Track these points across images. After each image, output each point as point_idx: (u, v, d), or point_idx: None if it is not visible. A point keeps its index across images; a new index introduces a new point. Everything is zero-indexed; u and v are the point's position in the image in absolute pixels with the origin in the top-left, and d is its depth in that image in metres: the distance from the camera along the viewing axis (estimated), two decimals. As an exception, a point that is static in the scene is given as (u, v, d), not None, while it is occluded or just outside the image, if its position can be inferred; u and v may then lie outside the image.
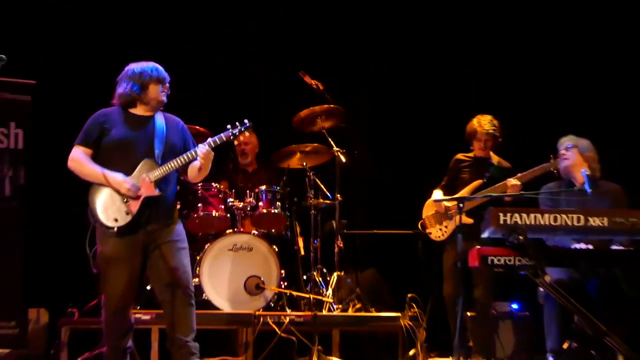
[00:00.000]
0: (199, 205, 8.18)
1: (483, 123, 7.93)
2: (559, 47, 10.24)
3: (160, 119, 6.31)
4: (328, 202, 8.47)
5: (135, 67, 6.29)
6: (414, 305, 7.92)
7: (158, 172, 6.11)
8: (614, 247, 6.52)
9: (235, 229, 8.28)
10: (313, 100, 9.00)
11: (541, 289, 6.92)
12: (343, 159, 8.41)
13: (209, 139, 6.25)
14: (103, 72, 7.10)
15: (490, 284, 7.75)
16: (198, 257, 8.05)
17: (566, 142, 7.17)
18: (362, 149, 8.70)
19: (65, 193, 7.80)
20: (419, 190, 8.72)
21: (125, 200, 6.04)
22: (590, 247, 6.54)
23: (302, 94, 9.60)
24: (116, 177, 6.03)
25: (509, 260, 5.80)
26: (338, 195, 8.39)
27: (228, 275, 8.05)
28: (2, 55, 5.75)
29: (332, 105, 8.58)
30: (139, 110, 6.29)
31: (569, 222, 5.72)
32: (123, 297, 6.13)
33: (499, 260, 5.82)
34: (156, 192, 6.10)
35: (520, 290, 8.46)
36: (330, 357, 7.66)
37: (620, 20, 10.07)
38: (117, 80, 6.35)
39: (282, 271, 8.11)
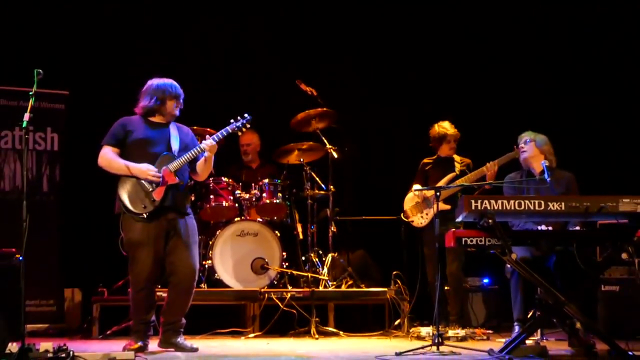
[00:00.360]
0: (211, 196, 8.21)
1: (449, 127, 8.08)
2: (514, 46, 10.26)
3: (173, 126, 6.48)
4: (322, 192, 8.51)
5: (157, 82, 6.43)
6: (399, 281, 7.97)
7: (177, 163, 6.24)
8: (571, 227, 6.59)
9: (243, 217, 8.31)
10: (308, 104, 9.06)
11: (508, 266, 6.97)
12: (335, 155, 8.46)
13: (215, 134, 6.41)
14: (126, 83, 7.15)
15: (461, 261, 7.82)
16: (210, 242, 8.08)
17: (525, 137, 7.20)
18: (351, 147, 8.72)
19: (95, 188, 7.81)
20: (398, 182, 8.78)
21: (151, 189, 6.14)
22: (550, 228, 6.61)
23: (298, 99, 9.69)
24: (141, 166, 6.16)
25: (480, 241, 5.85)
26: (331, 187, 8.42)
27: (237, 258, 8.08)
28: (39, 70, 5.81)
29: (325, 109, 8.62)
30: (156, 119, 6.43)
31: (532, 207, 5.76)
32: (149, 276, 6.22)
33: (471, 241, 5.87)
34: (177, 180, 6.22)
35: (490, 267, 8.53)
36: (327, 327, 7.71)
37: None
38: (141, 92, 6.46)
39: (284, 253, 8.15)
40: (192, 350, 6.26)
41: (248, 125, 6.59)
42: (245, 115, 6.58)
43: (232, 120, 6.55)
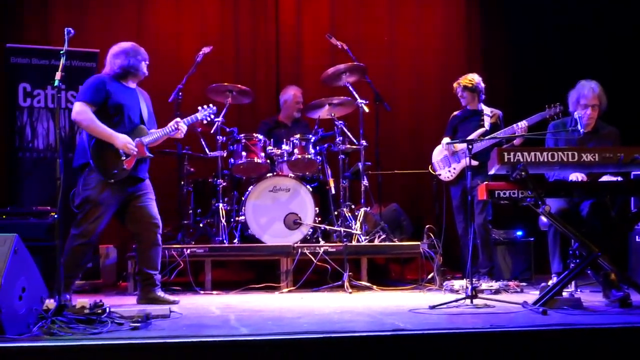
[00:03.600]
0: (243, 153, 8.20)
1: (469, 79, 8.04)
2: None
3: (138, 91, 6.71)
4: (354, 147, 8.48)
5: (132, 45, 6.69)
6: (431, 234, 7.96)
7: (150, 138, 6.54)
8: (606, 178, 6.52)
9: (275, 173, 8.32)
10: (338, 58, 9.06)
11: (542, 218, 6.94)
12: (366, 110, 8.41)
13: (186, 118, 6.79)
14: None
15: (488, 214, 7.80)
16: (243, 198, 8.11)
17: (592, 101, 6.80)
18: (382, 101, 8.68)
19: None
20: (427, 136, 8.75)
21: (123, 157, 6.34)
22: (584, 178, 6.56)
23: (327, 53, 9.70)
24: (123, 138, 6.35)
25: (513, 193, 5.86)
26: (363, 141, 8.39)
27: (269, 213, 8.10)
28: (70, 28, 5.83)
29: (355, 63, 8.57)
30: (125, 82, 6.61)
31: (565, 159, 5.75)
32: (98, 233, 6.48)
33: (504, 193, 5.88)
34: (147, 154, 6.54)
35: (524, 219, 8.49)
36: (360, 281, 7.73)
37: None
38: (113, 53, 6.61)
39: (316, 208, 8.15)
40: (173, 302, 6.44)
41: (213, 116, 7.06)
42: (211, 105, 7.04)
43: (199, 108, 7.00)
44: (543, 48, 10.42)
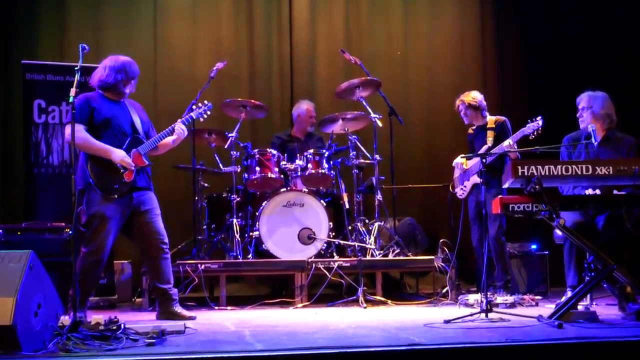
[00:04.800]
0: (257, 168, 8.20)
1: (460, 98, 8.09)
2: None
3: (128, 103, 6.70)
4: (368, 161, 8.47)
5: (122, 59, 6.62)
6: (445, 248, 7.94)
7: (146, 146, 6.53)
8: (621, 191, 6.49)
9: (289, 188, 8.32)
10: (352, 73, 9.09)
11: (557, 231, 6.92)
12: (380, 124, 8.41)
13: (183, 118, 6.80)
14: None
15: (501, 227, 7.78)
16: (257, 213, 8.11)
17: (582, 104, 6.91)
18: (395, 115, 8.68)
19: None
20: (442, 150, 8.75)
21: (122, 170, 6.36)
22: (598, 192, 6.53)
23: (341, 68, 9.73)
24: (119, 152, 6.36)
25: (527, 207, 5.86)
26: (377, 155, 8.39)
27: (283, 228, 8.09)
28: (85, 45, 5.88)
29: (368, 77, 8.58)
30: (110, 95, 6.60)
31: (579, 172, 5.74)
32: (107, 249, 6.44)
33: (519, 207, 5.87)
34: (145, 163, 6.52)
35: (539, 233, 8.47)
36: (375, 296, 7.71)
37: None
38: (100, 67, 6.62)
39: (330, 223, 8.14)
40: (190, 318, 6.45)
41: (209, 112, 7.03)
42: (206, 102, 7.03)
43: (194, 107, 7.04)
44: (559, 59, 10.42)
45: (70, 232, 7.32)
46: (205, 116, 7.03)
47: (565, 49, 10.45)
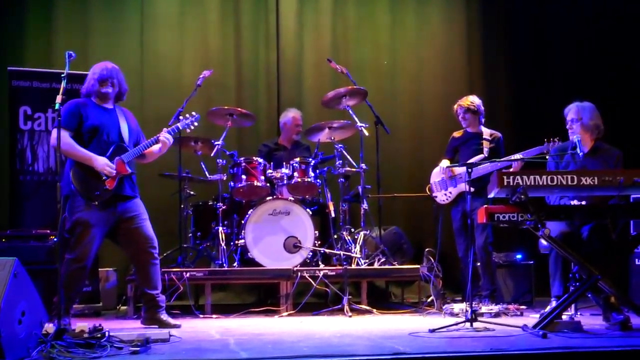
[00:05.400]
0: (243, 176, 8.20)
1: (460, 101, 8.04)
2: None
3: (119, 110, 6.71)
4: (354, 170, 8.48)
5: (94, 66, 6.68)
6: (431, 257, 7.95)
7: (130, 155, 6.53)
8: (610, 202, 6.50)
9: (275, 196, 8.32)
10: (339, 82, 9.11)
11: (542, 241, 6.94)
12: (366, 133, 8.42)
13: (169, 128, 6.79)
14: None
15: (488, 236, 7.78)
16: (243, 221, 8.10)
17: (571, 116, 6.86)
18: (382, 124, 8.69)
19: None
20: (428, 159, 8.77)
21: (104, 177, 6.35)
22: (584, 202, 6.55)
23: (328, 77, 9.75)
24: (102, 160, 6.36)
25: (513, 217, 5.87)
26: (363, 164, 8.39)
27: (269, 236, 8.07)
28: (71, 52, 5.88)
29: (355, 87, 8.59)
30: (99, 102, 6.62)
31: (564, 182, 5.76)
32: (92, 255, 6.43)
33: (504, 216, 5.89)
34: (129, 172, 6.51)
35: (524, 243, 8.49)
36: (360, 305, 7.71)
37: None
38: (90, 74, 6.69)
39: (316, 232, 8.14)
40: (175, 326, 6.44)
41: (196, 124, 7.02)
42: (194, 113, 7.03)
43: (180, 117, 7.04)
44: (546, 70, 10.47)
45: (55, 239, 7.32)
46: (192, 127, 7.02)
47: (550, 58, 10.49)
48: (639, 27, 10.27)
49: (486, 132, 7.99)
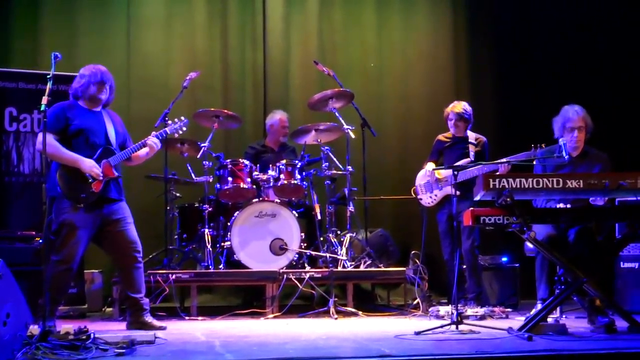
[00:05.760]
0: (229, 178, 8.19)
1: (452, 106, 8.03)
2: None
3: (105, 113, 6.70)
4: (340, 172, 8.48)
5: (84, 68, 6.66)
6: (417, 260, 7.96)
7: (117, 158, 6.53)
8: (593, 203, 6.51)
9: (261, 198, 8.31)
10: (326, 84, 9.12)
11: (528, 244, 6.95)
12: (352, 135, 8.43)
13: (157, 133, 6.81)
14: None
15: (475, 239, 7.79)
16: (229, 223, 8.09)
17: (578, 123, 6.81)
18: (368, 126, 8.69)
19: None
20: (415, 162, 8.78)
21: (91, 180, 6.35)
22: (569, 205, 6.57)
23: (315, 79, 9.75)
24: (89, 162, 6.36)
25: (499, 219, 5.88)
26: (349, 167, 8.40)
27: (255, 239, 8.07)
28: (57, 53, 5.87)
29: (341, 89, 8.60)
30: (88, 105, 6.61)
31: (550, 185, 5.77)
32: (77, 258, 6.42)
33: (490, 219, 5.90)
34: (115, 175, 6.51)
35: (509, 245, 8.50)
36: (346, 307, 7.71)
37: None
38: (78, 76, 6.66)
39: (302, 234, 8.14)
40: (160, 328, 6.43)
41: (185, 129, 7.06)
42: (182, 118, 7.07)
43: (169, 122, 7.13)
44: (532, 72, 10.50)
45: (40, 241, 7.29)
46: (180, 132, 7.04)
47: (537, 60, 10.52)
48: (627, 30, 10.32)
49: (472, 135, 7.99)
